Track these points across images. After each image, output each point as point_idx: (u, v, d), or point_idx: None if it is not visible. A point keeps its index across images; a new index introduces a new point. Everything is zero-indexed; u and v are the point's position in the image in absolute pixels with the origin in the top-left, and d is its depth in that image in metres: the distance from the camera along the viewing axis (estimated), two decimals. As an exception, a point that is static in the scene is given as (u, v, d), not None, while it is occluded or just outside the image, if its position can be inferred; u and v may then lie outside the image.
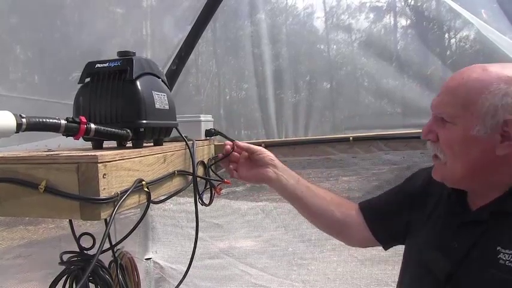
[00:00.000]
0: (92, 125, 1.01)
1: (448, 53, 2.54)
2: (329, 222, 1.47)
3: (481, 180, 1.09)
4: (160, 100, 1.23)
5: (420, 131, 1.18)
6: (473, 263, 1.05)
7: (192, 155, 1.38)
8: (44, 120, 0.90)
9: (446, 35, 2.46)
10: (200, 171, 1.57)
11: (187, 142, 1.38)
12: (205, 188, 1.64)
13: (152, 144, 1.32)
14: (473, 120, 1.03)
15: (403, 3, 2.69)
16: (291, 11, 2.74)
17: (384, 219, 1.39)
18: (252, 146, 1.51)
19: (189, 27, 2.40)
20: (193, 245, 1.48)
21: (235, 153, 1.51)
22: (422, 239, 1.24)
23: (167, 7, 2.60)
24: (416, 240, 1.27)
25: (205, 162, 1.70)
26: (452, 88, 1.09)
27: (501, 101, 1.00)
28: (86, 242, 1.10)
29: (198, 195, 1.45)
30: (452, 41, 2.47)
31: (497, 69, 1.04)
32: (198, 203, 1.46)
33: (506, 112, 1.00)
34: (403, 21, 2.67)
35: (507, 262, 0.98)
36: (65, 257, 1.08)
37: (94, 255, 0.94)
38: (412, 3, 2.67)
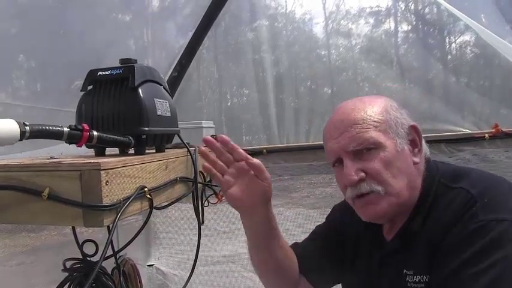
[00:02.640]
0: (95, 133, 1.02)
1: (448, 57, 2.54)
2: (286, 281, 1.33)
3: (410, 198, 1.06)
4: (162, 107, 1.23)
5: (428, 134, 1.18)
6: None
7: (193, 162, 1.39)
8: (47, 127, 0.91)
9: (447, 40, 2.47)
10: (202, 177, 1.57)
11: (189, 149, 1.39)
12: (205, 196, 1.64)
13: (154, 151, 1.32)
14: (391, 136, 1.05)
15: (403, 8, 2.70)
16: (291, 17, 2.76)
17: (321, 271, 1.29)
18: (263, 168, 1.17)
19: (190, 34, 2.41)
20: (195, 251, 1.48)
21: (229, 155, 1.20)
22: (354, 283, 1.23)
23: (168, 14, 2.62)
24: (349, 282, 1.26)
25: (207, 168, 1.71)
26: (353, 119, 1.06)
27: (397, 112, 1.08)
28: (88, 249, 1.11)
29: (200, 201, 1.46)
30: (453, 45, 2.48)
31: (369, 97, 1.14)
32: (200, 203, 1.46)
33: (406, 120, 1.07)
34: (403, 26, 2.68)
35: (412, 284, 0.99)
36: (68, 264, 1.08)
37: (97, 262, 0.94)
38: (413, 8, 2.67)
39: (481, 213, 0.91)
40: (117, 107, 1.14)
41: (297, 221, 2.20)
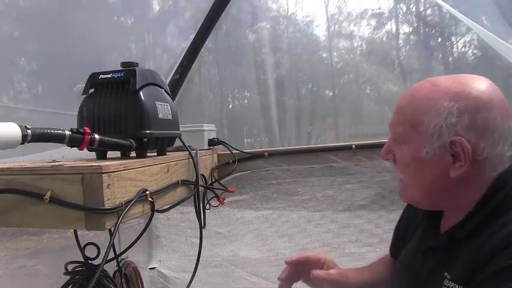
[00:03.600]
0: (96, 136, 1.02)
1: (450, 59, 2.54)
2: None
3: (442, 203, 1.05)
4: (164, 110, 1.24)
5: None
6: None
7: (195, 165, 1.39)
8: (49, 131, 0.91)
9: (448, 42, 2.47)
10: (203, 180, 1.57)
11: (191, 152, 1.39)
12: (207, 199, 1.65)
13: (156, 154, 1.32)
14: (421, 141, 0.98)
15: (404, 10, 2.70)
16: (293, 19, 2.76)
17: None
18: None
19: (192, 37, 2.42)
20: (197, 254, 1.48)
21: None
22: (402, 256, 1.22)
23: (170, 17, 2.63)
24: (400, 256, 1.25)
25: (209, 171, 1.71)
26: (401, 107, 1.04)
27: (445, 120, 0.94)
28: (90, 252, 1.11)
29: (202, 203, 1.46)
30: (455, 47, 2.48)
31: (447, 84, 0.98)
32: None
33: (451, 132, 0.94)
34: (405, 28, 2.68)
35: None
36: (70, 267, 1.09)
37: (99, 265, 0.94)
38: (414, 10, 2.68)
39: None
40: (118, 110, 1.14)
41: (300, 223, 2.20)
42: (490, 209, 0.95)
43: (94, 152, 1.18)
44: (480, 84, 0.97)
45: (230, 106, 2.94)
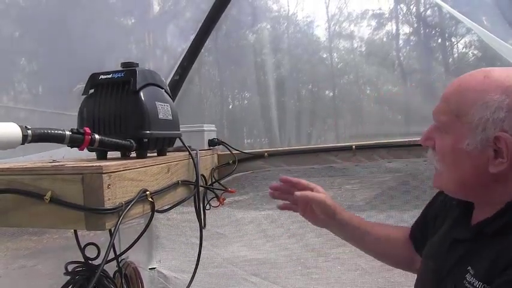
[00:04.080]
0: (96, 136, 1.02)
1: (450, 60, 2.54)
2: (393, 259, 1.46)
3: (476, 196, 1.03)
4: (164, 110, 1.24)
5: None
6: (450, 281, 1.01)
7: (195, 165, 1.39)
8: (49, 131, 0.91)
9: (449, 42, 2.46)
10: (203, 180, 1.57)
11: (191, 152, 1.39)
12: (207, 200, 1.65)
13: (156, 154, 1.32)
14: (464, 132, 0.95)
15: (405, 11, 2.70)
16: (293, 19, 2.76)
17: (424, 239, 1.30)
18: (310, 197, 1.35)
19: (192, 37, 2.42)
20: (197, 254, 1.48)
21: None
22: (428, 245, 1.21)
23: (170, 18, 2.62)
24: (426, 247, 1.24)
25: (209, 171, 1.71)
26: (448, 95, 1.02)
27: (493, 114, 0.91)
28: (90, 252, 1.11)
29: (202, 204, 1.46)
30: (455, 47, 2.48)
31: (500, 77, 0.94)
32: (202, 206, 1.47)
33: (497, 127, 0.91)
34: (405, 29, 2.68)
35: (467, 284, 0.93)
36: (70, 267, 1.09)
37: (99, 265, 0.94)
38: (414, 10, 2.68)
39: None
40: (118, 110, 1.14)
41: (301, 223, 2.19)
42: None
43: (94, 153, 1.18)
44: None
45: (230, 106, 2.94)
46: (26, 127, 0.86)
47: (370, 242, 1.40)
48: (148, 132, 1.16)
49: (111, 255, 1.11)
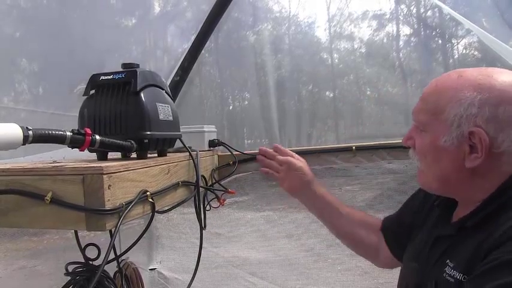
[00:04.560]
0: (97, 137, 1.02)
1: (450, 61, 2.54)
2: (358, 246, 1.50)
3: (457, 192, 1.06)
4: (164, 111, 1.24)
5: None
6: (431, 278, 1.03)
7: (195, 166, 1.39)
8: (50, 132, 0.91)
9: (449, 43, 2.47)
10: (204, 181, 1.57)
11: (191, 153, 1.39)
12: (207, 200, 1.64)
13: (156, 155, 1.33)
14: (441, 129, 0.99)
15: (405, 12, 2.70)
16: (294, 20, 2.76)
17: (397, 235, 1.35)
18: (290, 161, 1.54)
19: (193, 38, 2.42)
20: (197, 255, 1.48)
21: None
22: (409, 249, 1.24)
23: (171, 18, 2.63)
24: (406, 250, 1.26)
25: (210, 172, 1.71)
26: (426, 95, 1.06)
27: (466, 111, 0.95)
28: (90, 253, 1.11)
29: (202, 204, 1.46)
30: (455, 49, 2.48)
31: (472, 76, 0.99)
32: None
33: (470, 123, 0.95)
34: (405, 30, 2.69)
35: (447, 276, 0.96)
36: (71, 268, 1.09)
37: (99, 265, 0.94)
38: (415, 11, 2.68)
39: None
40: (119, 111, 1.14)
41: (301, 224, 2.20)
42: (500, 203, 0.96)
43: (95, 153, 1.18)
44: (506, 78, 0.97)
45: (231, 107, 2.94)
46: (27, 128, 0.86)
47: (343, 223, 1.46)
48: (148, 133, 1.16)
49: (112, 255, 1.11)
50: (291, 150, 1.69)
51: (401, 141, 1.17)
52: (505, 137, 0.94)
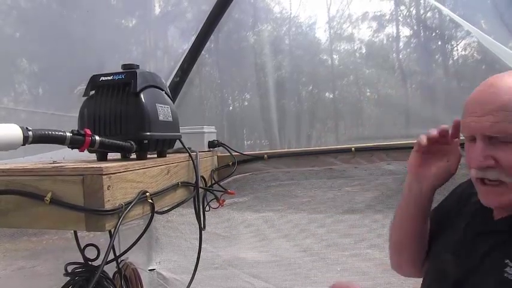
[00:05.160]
0: (97, 138, 1.02)
1: (450, 62, 2.55)
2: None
3: None
4: (164, 112, 1.24)
5: None
6: (482, 273, 1.01)
7: (195, 167, 1.39)
8: (50, 132, 0.91)
9: (449, 45, 2.47)
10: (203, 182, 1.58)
11: (191, 154, 1.39)
12: (207, 201, 1.65)
13: (156, 155, 1.33)
14: None
15: (405, 13, 2.70)
16: (294, 21, 2.76)
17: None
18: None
19: (193, 39, 2.42)
20: (196, 256, 1.48)
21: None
22: (442, 241, 1.20)
23: (171, 19, 2.63)
24: (437, 243, 1.23)
25: (209, 173, 1.71)
26: (503, 103, 0.96)
27: None
28: (90, 253, 1.11)
29: (201, 205, 1.46)
30: (455, 50, 2.48)
31: None
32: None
33: None
34: (405, 31, 2.69)
35: (510, 276, 0.93)
36: (70, 268, 1.09)
37: (99, 266, 0.94)
38: (415, 12, 2.68)
39: None
40: (119, 112, 1.15)
41: (300, 225, 2.20)
42: None
43: (94, 154, 1.18)
44: None
45: (230, 108, 2.94)
46: (27, 128, 0.86)
47: (421, 225, 1.28)
48: (148, 133, 1.16)
49: (111, 256, 1.11)
50: (290, 151, 1.68)
51: (400, 142, 1.13)
52: None
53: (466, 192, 1.21)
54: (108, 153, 1.19)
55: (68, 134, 0.95)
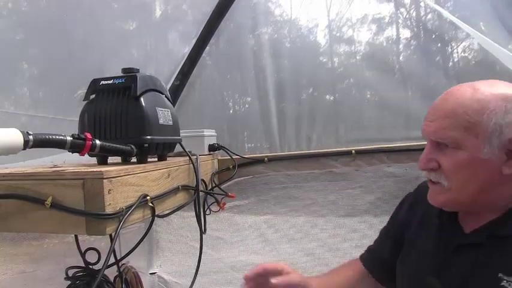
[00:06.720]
0: (97, 141, 1.02)
1: (450, 64, 2.55)
2: None
3: (483, 202, 1.05)
4: (164, 116, 1.24)
5: (424, 142, 1.13)
6: None
7: (195, 170, 1.39)
8: (51, 137, 0.91)
9: (449, 47, 2.47)
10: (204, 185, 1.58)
11: (191, 157, 1.40)
12: (207, 205, 1.65)
13: (156, 159, 1.33)
14: (480, 142, 0.98)
15: (405, 15, 2.71)
16: (294, 24, 2.76)
17: (388, 268, 1.32)
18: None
19: (193, 41, 2.42)
20: (197, 259, 1.48)
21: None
22: (413, 264, 1.20)
23: (171, 22, 2.63)
24: (407, 266, 1.24)
25: (209, 176, 1.72)
26: (449, 111, 1.03)
27: (503, 119, 0.97)
28: (90, 257, 1.11)
29: (202, 209, 1.46)
30: (455, 52, 2.48)
31: (488, 88, 1.02)
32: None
33: (510, 130, 0.97)
34: (405, 33, 2.69)
35: None
36: (71, 272, 1.09)
37: (99, 270, 0.94)
38: (414, 15, 2.68)
39: None
40: (119, 116, 1.15)
41: (302, 229, 2.19)
42: None
43: (95, 158, 1.18)
44: (510, 86, 1.03)
45: (231, 111, 2.94)
46: (27, 132, 0.86)
47: None
48: (148, 137, 1.16)
49: (112, 260, 1.11)
50: (291, 154, 1.69)
51: (401, 144, 1.15)
52: None
53: (413, 204, 1.26)
54: (109, 157, 1.19)
55: (69, 138, 0.95)
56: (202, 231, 1.53)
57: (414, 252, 1.21)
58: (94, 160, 1.20)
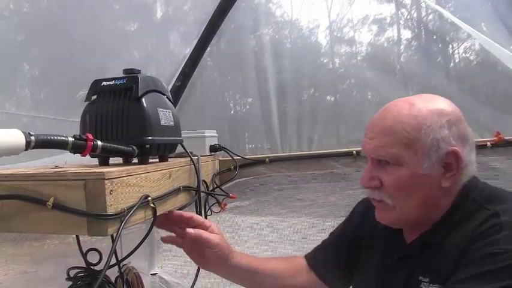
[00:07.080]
0: (99, 142, 1.02)
1: (451, 65, 2.55)
2: None
3: (426, 215, 1.06)
4: (166, 117, 1.24)
5: None
6: None
7: (197, 171, 1.39)
8: (52, 137, 0.91)
9: (450, 47, 2.47)
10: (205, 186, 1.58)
11: (192, 158, 1.40)
12: (208, 205, 1.65)
13: (158, 160, 1.33)
14: (419, 158, 1.00)
15: (406, 16, 2.71)
16: (295, 25, 2.77)
17: (335, 270, 1.34)
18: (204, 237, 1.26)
19: (195, 42, 2.43)
20: (198, 260, 1.48)
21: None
22: (363, 277, 1.23)
23: (173, 23, 2.64)
24: (359, 279, 1.26)
25: (211, 177, 1.72)
26: (388, 128, 1.04)
27: (440, 133, 0.99)
28: (92, 258, 1.11)
29: (203, 209, 1.46)
30: (456, 52, 2.48)
31: (424, 103, 1.03)
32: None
33: (447, 144, 0.99)
34: (406, 34, 2.69)
35: None
36: (72, 273, 1.09)
37: (101, 270, 0.94)
38: (416, 15, 2.69)
39: (502, 242, 0.89)
40: (120, 116, 1.15)
41: (302, 229, 2.19)
42: (465, 210, 1.01)
43: (96, 158, 1.19)
44: (446, 101, 1.06)
45: (232, 112, 2.94)
46: (29, 133, 0.86)
47: (269, 283, 1.37)
48: (150, 138, 1.16)
49: (113, 260, 1.11)
50: (292, 155, 1.69)
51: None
52: (467, 150, 1.02)
53: (366, 217, 1.27)
54: (110, 158, 1.19)
55: (70, 139, 0.95)
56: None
57: (366, 267, 1.23)
58: (95, 161, 1.20)
